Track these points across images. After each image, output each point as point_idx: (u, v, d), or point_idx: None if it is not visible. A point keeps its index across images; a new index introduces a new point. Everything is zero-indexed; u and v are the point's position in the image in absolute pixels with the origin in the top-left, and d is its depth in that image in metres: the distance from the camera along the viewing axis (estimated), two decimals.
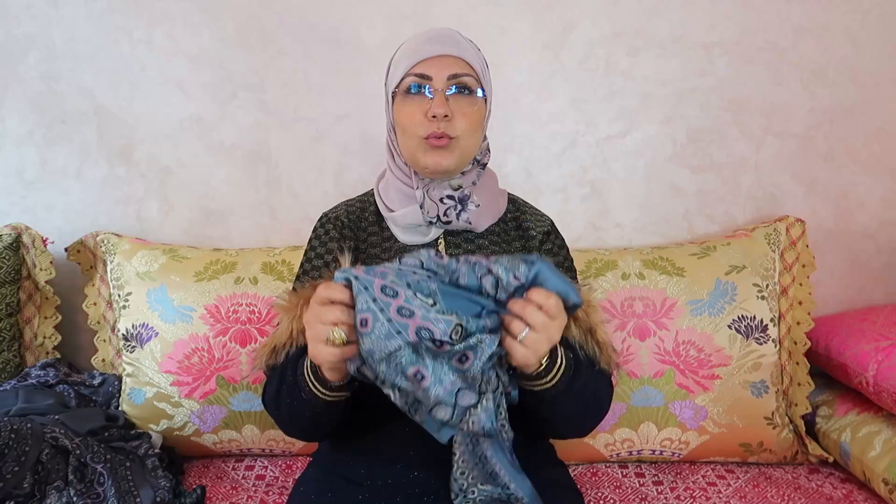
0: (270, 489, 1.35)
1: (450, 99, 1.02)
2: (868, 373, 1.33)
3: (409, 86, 1.03)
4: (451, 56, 1.03)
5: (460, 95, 1.03)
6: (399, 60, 1.06)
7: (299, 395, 0.94)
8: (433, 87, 1.02)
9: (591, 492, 1.33)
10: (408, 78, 1.03)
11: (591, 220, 1.66)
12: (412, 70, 1.03)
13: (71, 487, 1.14)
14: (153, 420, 1.42)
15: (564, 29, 1.58)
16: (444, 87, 1.02)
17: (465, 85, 1.03)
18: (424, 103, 1.02)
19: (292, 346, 0.98)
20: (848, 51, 1.58)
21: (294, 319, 0.98)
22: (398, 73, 1.04)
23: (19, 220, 1.57)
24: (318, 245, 1.12)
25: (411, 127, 1.03)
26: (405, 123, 1.04)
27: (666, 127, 1.62)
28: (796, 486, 1.33)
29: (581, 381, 0.96)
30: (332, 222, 1.13)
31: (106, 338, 1.56)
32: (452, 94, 1.02)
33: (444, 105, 1.01)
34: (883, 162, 1.63)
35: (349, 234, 1.11)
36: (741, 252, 1.47)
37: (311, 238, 1.14)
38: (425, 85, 1.02)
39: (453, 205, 1.06)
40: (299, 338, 0.97)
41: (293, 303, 0.99)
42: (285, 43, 1.59)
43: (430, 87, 1.02)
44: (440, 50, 1.03)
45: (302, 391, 0.94)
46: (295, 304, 0.98)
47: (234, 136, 1.62)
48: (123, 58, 1.59)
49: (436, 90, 1.02)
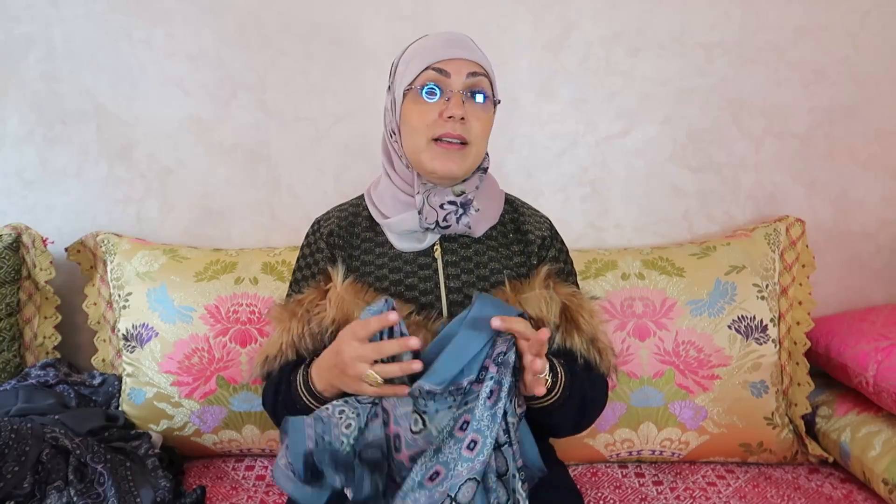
0: (270, 489, 1.35)
1: (466, 103, 1.01)
2: (868, 373, 1.33)
3: (425, 82, 1.01)
4: (469, 60, 1.02)
5: (475, 100, 1.02)
6: (412, 59, 1.04)
7: (294, 407, 0.99)
8: (451, 87, 1.00)
9: (591, 492, 1.33)
10: (426, 72, 1.00)
11: (591, 220, 1.66)
12: (432, 65, 1.00)
13: (71, 487, 1.14)
14: (153, 420, 1.42)
15: (564, 29, 1.58)
16: (462, 87, 1.01)
17: (481, 87, 1.02)
18: (439, 104, 1.00)
19: (282, 357, 1.03)
20: (848, 51, 1.58)
21: (284, 332, 1.03)
22: (413, 70, 1.02)
23: (19, 220, 1.57)
24: (308, 255, 1.13)
25: (422, 127, 1.01)
26: (415, 123, 1.01)
27: (666, 127, 1.62)
28: (796, 486, 1.33)
29: (578, 386, 0.99)
30: (322, 234, 1.12)
31: (106, 338, 1.56)
32: (467, 99, 1.01)
33: (461, 106, 0.99)
34: (883, 162, 1.63)
35: (340, 242, 1.10)
36: (741, 252, 1.47)
37: (303, 245, 1.15)
38: (440, 84, 1.00)
39: (454, 209, 1.04)
40: (288, 351, 1.02)
41: (283, 315, 1.05)
42: (285, 43, 1.59)
43: (445, 87, 1.00)
44: (459, 53, 1.02)
45: (297, 404, 0.98)
46: (284, 317, 1.04)
47: (234, 136, 1.62)
48: (123, 58, 1.59)
49: (453, 91, 1.00)
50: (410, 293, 1.05)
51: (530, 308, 1.01)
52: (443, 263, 1.07)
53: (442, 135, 1.00)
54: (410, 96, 1.02)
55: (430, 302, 1.04)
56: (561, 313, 1.03)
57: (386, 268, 1.07)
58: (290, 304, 1.06)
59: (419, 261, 1.07)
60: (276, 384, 1.04)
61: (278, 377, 1.04)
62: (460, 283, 1.06)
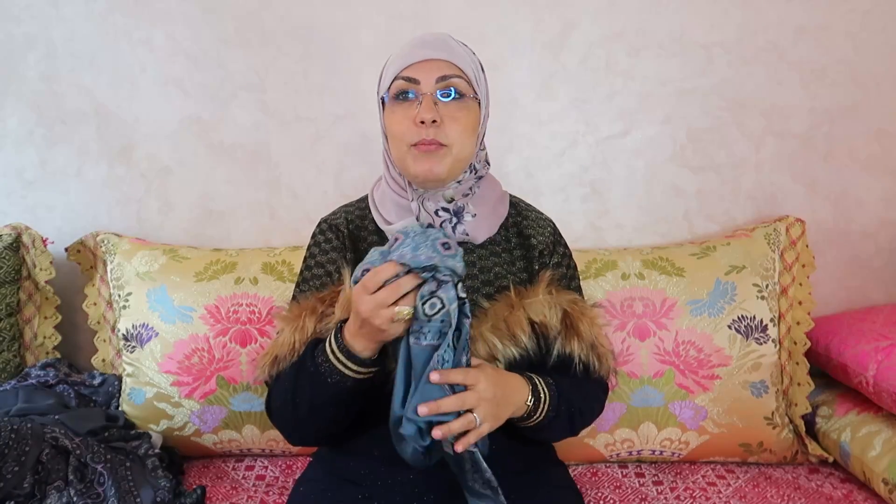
0: (270, 489, 1.35)
1: (439, 104, 0.99)
2: (868, 373, 1.33)
3: (397, 91, 1.00)
4: (441, 60, 1.00)
5: (451, 100, 1.00)
6: (388, 67, 1.04)
7: (325, 381, 0.93)
8: (421, 91, 0.99)
9: (591, 492, 1.33)
10: (396, 82, 1.00)
11: (591, 220, 1.66)
12: (400, 74, 1.00)
13: (71, 487, 1.14)
14: (153, 420, 1.42)
15: (564, 29, 1.58)
16: (432, 90, 0.99)
17: (455, 87, 1.00)
18: (412, 109, 0.99)
19: (294, 356, 0.99)
20: (848, 51, 1.58)
21: (296, 330, 0.99)
22: (387, 79, 1.02)
23: (19, 220, 1.57)
24: (319, 252, 1.10)
25: (400, 134, 1.00)
26: (394, 130, 1.01)
27: (666, 127, 1.62)
28: (796, 486, 1.33)
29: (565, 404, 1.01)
30: (332, 230, 1.11)
31: (106, 338, 1.56)
32: (442, 100, 0.99)
33: (432, 109, 0.98)
34: (883, 162, 1.63)
35: (349, 243, 1.09)
36: (741, 252, 1.47)
37: (311, 245, 1.12)
38: (411, 90, 0.99)
39: (448, 217, 1.03)
40: (301, 349, 0.98)
41: (295, 313, 1.01)
42: (285, 43, 1.59)
43: (417, 91, 0.99)
44: (429, 54, 1.00)
45: (329, 377, 0.93)
46: (297, 315, 1.00)
47: (234, 136, 1.62)
48: (123, 58, 1.59)
49: (423, 94, 0.99)
50: None
51: (534, 314, 1.01)
52: None
53: (417, 141, 0.99)
54: (388, 104, 1.03)
55: None
56: (562, 320, 1.03)
57: None
58: (307, 300, 1.03)
59: None
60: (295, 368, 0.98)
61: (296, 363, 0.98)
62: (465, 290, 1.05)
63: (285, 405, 1.00)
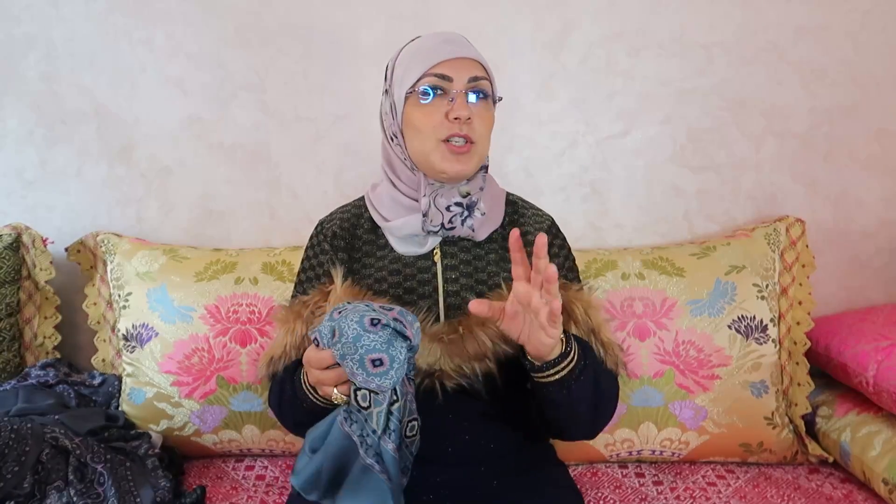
0: (270, 489, 1.36)
1: (468, 103, 1.01)
2: (868, 373, 1.33)
3: (426, 87, 1.01)
4: (470, 59, 1.02)
5: (478, 99, 1.02)
6: (410, 61, 1.03)
7: (301, 406, 0.98)
8: (454, 88, 1.00)
9: (591, 492, 1.33)
10: (426, 78, 1.01)
11: (591, 220, 1.66)
12: (431, 70, 1.00)
13: (71, 487, 1.14)
14: (153, 420, 1.42)
15: (564, 29, 1.58)
16: (465, 88, 1.01)
17: (483, 89, 1.02)
18: (443, 105, 1.00)
19: (286, 358, 1.04)
20: (848, 51, 1.58)
21: (288, 333, 1.04)
22: (413, 74, 1.02)
23: (19, 220, 1.57)
24: (312, 256, 1.13)
25: (428, 129, 1.00)
26: (421, 125, 1.01)
27: (666, 127, 1.62)
28: (796, 486, 1.33)
29: (591, 371, 0.95)
30: (326, 236, 1.12)
31: (106, 338, 1.56)
32: (472, 100, 1.01)
33: (466, 107, 1.00)
34: (883, 162, 1.63)
35: (342, 244, 1.10)
36: (741, 252, 1.47)
37: (308, 247, 1.15)
38: (443, 86, 1.00)
39: (460, 211, 1.04)
40: (292, 352, 1.03)
41: (286, 317, 1.06)
42: (285, 43, 1.59)
43: (447, 88, 1.00)
44: (458, 52, 1.02)
45: (303, 403, 0.98)
46: (287, 318, 1.05)
47: (234, 136, 1.63)
48: (123, 58, 1.59)
49: (458, 92, 1.00)
50: (409, 296, 1.05)
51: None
52: (442, 267, 1.07)
53: (449, 135, 1.00)
54: (412, 100, 1.02)
55: (428, 306, 1.04)
56: None
57: (385, 270, 1.07)
58: (294, 305, 1.07)
59: (419, 264, 1.07)
60: (281, 383, 1.05)
61: (283, 377, 1.04)
62: (458, 287, 1.05)
63: (277, 410, 1.08)
